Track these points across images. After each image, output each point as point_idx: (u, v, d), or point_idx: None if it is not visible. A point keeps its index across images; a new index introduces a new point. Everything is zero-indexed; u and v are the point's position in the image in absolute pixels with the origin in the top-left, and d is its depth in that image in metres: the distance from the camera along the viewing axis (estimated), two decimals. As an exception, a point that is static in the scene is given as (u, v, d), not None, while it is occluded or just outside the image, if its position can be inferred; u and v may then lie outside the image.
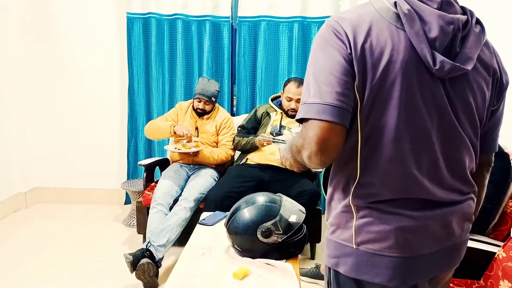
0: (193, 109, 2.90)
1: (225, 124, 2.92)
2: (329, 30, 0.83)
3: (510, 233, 1.68)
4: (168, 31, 3.27)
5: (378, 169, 0.84)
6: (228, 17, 3.27)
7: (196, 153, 2.75)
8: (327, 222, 0.96)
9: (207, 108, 2.87)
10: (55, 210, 3.43)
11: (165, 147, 2.83)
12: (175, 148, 2.72)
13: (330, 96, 0.79)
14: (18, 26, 3.31)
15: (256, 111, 2.92)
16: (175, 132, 2.72)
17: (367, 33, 0.80)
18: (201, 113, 2.88)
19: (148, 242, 2.32)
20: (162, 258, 2.33)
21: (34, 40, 3.37)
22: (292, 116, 2.75)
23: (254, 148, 2.76)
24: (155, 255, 2.27)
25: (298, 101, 2.71)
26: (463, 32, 0.82)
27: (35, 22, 3.35)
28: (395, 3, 0.82)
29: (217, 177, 2.82)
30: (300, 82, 2.73)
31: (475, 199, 0.95)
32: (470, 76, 0.85)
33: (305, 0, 3.19)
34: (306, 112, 0.81)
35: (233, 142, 2.89)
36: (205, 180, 2.69)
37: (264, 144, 2.66)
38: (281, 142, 1.28)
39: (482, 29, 0.87)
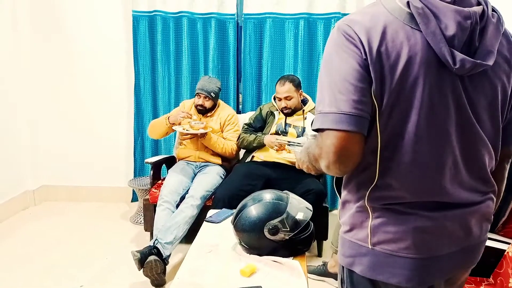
0: (195, 106, 2.90)
1: (229, 121, 2.92)
2: (341, 34, 0.80)
3: (520, 230, 1.67)
4: (173, 28, 3.27)
5: (397, 172, 0.82)
6: (234, 14, 3.26)
7: (203, 135, 2.74)
8: (341, 221, 0.94)
9: (207, 104, 2.85)
10: (63, 208, 3.46)
11: (173, 127, 2.76)
12: (184, 129, 2.71)
13: (346, 104, 0.76)
14: (25, 25, 3.32)
15: (261, 110, 2.92)
16: (173, 123, 2.73)
17: (381, 36, 0.77)
18: (202, 110, 2.87)
19: (155, 239, 2.32)
20: (170, 255, 2.33)
21: (41, 39, 3.38)
22: (288, 114, 2.75)
23: (259, 146, 2.75)
24: (162, 252, 2.28)
25: (286, 98, 2.71)
26: (480, 25, 0.79)
27: (42, 21, 3.36)
28: (407, 2, 0.78)
29: (223, 175, 2.81)
30: (285, 79, 2.75)
31: (494, 199, 0.93)
32: (490, 71, 0.82)
33: (311, -4, 3.17)
34: (323, 122, 0.78)
35: (238, 139, 2.87)
36: (211, 177, 2.69)
37: (275, 148, 2.64)
38: (296, 145, 1.27)
39: (499, 18, 0.83)
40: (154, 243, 2.31)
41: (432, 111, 0.79)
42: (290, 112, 2.76)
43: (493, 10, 0.83)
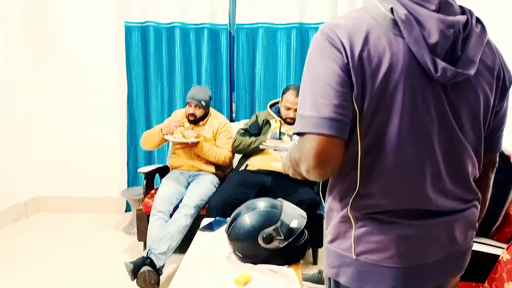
0: (186, 116, 2.90)
1: (222, 129, 2.92)
2: (324, 38, 0.79)
3: (513, 235, 1.67)
4: (166, 39, 3.28)
5: (379, 179, 0.81)
6: (226, 25, 3.28)
7: (195, 144, 2.73)
8: (326, 230, 0.94)
9: (198, 113, 2.84)
10: (56, 219, 3.42)
11: (165, 137, 2.75)
12: (174, 137, 2.71)
13: (327, 108, 0.76)
14: (18, 37, 3.32)
15: (257, 117, 2.92)
16: (167, 133, 2.72)
17: (364, 41, 0.77)
18: (193, 120, 2.86)
19: (149, 249, 2.30)
20: (163, 265, 2.31)
21: (34, 50, 3.38)
22: (291, 124, 2.75)
23: (256, 149, 2.73)
24: (156, 262, 2.25)
25: (296, 110, 2.68)
26: (463, 34, 0.79)
27: (34, 33, 3.36)
28: (391, 8, 0.78)
29: (218, 183, 2.80)
30: (297, 89, 2.72)
31: (479, 207, 0.92)
32: (473, 80, 0.82)
33: (303, 6, 3.20)
34: (303, 126, 0.78)
35: (233, 142, 2.85)
36: (205, 186, 2.68)
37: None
38: (283, 151, 1.27)
39: (483, 28, 0.84)
40: (147, 253, 2.29)
41: (413, 118, 0.79)
42: (290, 122, 2.75)
43: (477, 20, 0.84)
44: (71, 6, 3.34)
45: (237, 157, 2.95)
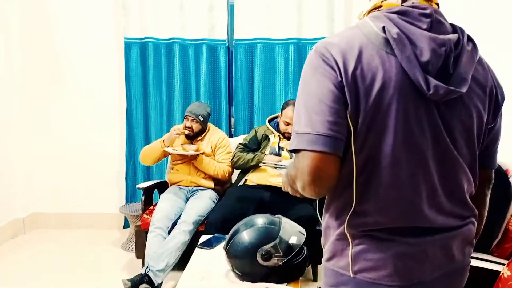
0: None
1: (220, 144, 2.92)
2: (318, 56, 0.81)
3: (514, 250, 1.66)
4: (165, 54, 3.31)
5: (375, 197, 0.81)
6: (225, 40, 3.31)
7: (195, 157, 2.73)
8: (324, 248, 0.93)
9: (195, 127, 2.83)
10: (54, 235, 3.39)
11: (165, 149, 2.75)
12: (174, 150, 2.71)
13: (321, 125, 0.77)
14: (17, 52, 3.34)
15: (256, 132, 2.92)
16: (169, 145, 2.73)
17: (357, 59, 0.78)
18: (190, 135, 2.84)
19: (147, 267, 2.28)
20: (161, 283, 2.28)
21: (33, 65, 3.40)
22: (289, 139, 2.74)
23: (256, 165, 2.72)
24: (154, 280, 2.23)
25: None
26: (455, 52, 0.80)
27: (35, 48, 3.39)
28: (383, 27, 0.79)
29: (216, 199, 2.79)
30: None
31: (476, 223, 0.92)
32: (465, 97, 0.83)
33: (300, 22, 3.24)
34: (298, 143, 0.79)
35: (232, 158, 2.85)
36: (203, 202, 2.67)
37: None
38: (283, 168, 1.27)
39: (475, 46, 0.85)
40: (145, 270, 2.26)
41: (407, 135, 0.79)
42: (289, 137, 2.75)
43: (469, 38, 0.85)
44: (71, 22, 3.38)
45: (236, 172, 2.94)
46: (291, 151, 0.82)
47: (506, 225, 1.79)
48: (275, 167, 1.42)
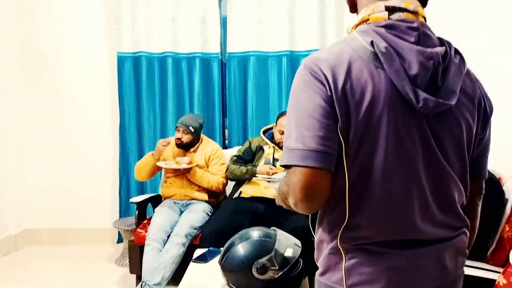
0: (175, 141, 2.88)
1: (214, 155, 2.91)
2: (307, 71, 0.81)
3: (509, 258, 1.66)
4: (158, 68, 3.31)
5: (368, 210, 0.81)
6: (218, 53, 3.33)
7: (188, 170, 2.72)
8: (317, 262, 0.93)
9: (185, 138, 2.82)
10: (47, 252, 3.34)
11: (157, 163, 2.75)
12: (166, 164, 2.69)
13: (312, 140, 0.77)
14: (14, 69, 3.33)
15: (250, 143, 2.92)
16: (158, 157, 2.73)
17: (346, 73, 0.78)
18: (180, 145, 2.83)
19: (143, 281, 2.25)
20: None
21: (29, 80, 3.40)
22: (279, 145, 2.76)
23: (250, 178, 2.72)
24: None
25: None
26: (443, 65, 0.81)
27: (29, 63, 3.39)
28: (371, 41, 0.80)
29: (210, 211, 2.78)
30: None
31: (468, 234, 0.92)
32: (454, 109, 0.83)
33: (293, 35, 3.26)
34: (289, 158, 0.78)
35: (226, 170, 2.84)
36: (196, 214, 2.66)
37: (270, 174, 2.62)
38: (276, 181, 1.27)
39: (462, 59, 0.86)
40: (141, 285, 2.24)
41: (398, 149, 0.79)
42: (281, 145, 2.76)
43: (456, 51, 0.86)
44: (64, 37, 3.38)
45: (231, 184, 2.93)
46: (282, 166, 0.82)
47: (500, 233, 1.80)
48: (269, 181, 1.41)
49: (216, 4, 3.27)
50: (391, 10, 0.84)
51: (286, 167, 0.80)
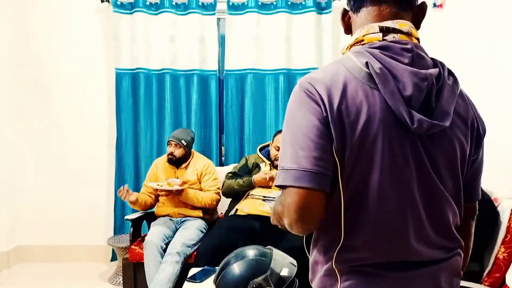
0: (170, 161, 2.88)
1: (206, 170, 2.91)
2: (302, 91, 0.81)
3: (505, 279, 1.66)
4: (156, 84, 3.33)
5: (363, 232, 0.81)
6: (215, 70, 3.35)
7: (180, 192, 2.71)
8: (311, 283, 0.92)
9: (177, 152, 2.82)
10: (39, 269, 3.29)
11: (149, 184, 2.78)
12: (158, 185, 2.70)
13: (307, 161, 0.77)
14: (7, 80, 3.34)
15: (246, 160, 2.92)
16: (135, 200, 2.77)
17: (342, 94, 0.79)
18: (172, 160, 2.84)
19: None
20: None
21: (23, 96, 3.40)
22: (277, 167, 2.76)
23: (247, 189, 2.70)
24: None
25: None
26: (437, 86, 0.81)
27: (24, 78, 3.39)
28: (366, 62, 0.80)
29: (205, 228, 2.76)
30: None
31: (462, 255, 0.92)
32: (448, 130, 0.84)
33: (290, 54, 3.30)
34: (284, 179, 0.78)
35: (222, 186, 2.82)
36: (190, 232, 2.64)
37: (267, 179, 2.61)
38: (271, 200, 1.26)
39: (455, 80, 0.87)
40: None
41: (393, 169, 0.80)
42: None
43: (449, 72, 0.87)
44: (63, 52, 3.40)
45: (226, 201, 2.92)
46: (277, 186, 0.82)
47: (496, 254, 1.80)
48: (264, 200, 1.41)
49: (214, 23, 3.32)
50: (385, 31, 0.85)
51: (281, 187, 0.80)
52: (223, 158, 3.49)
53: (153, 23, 3.30)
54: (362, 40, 0.87)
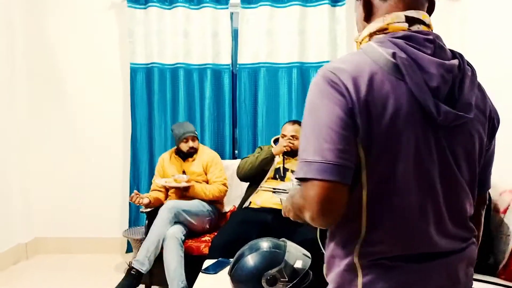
0: (180, 155, 2.94)
1: (212, 162, 2.94)
2: (325, 82, 0.78)
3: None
4: (170, 79, 3.36)
5: (386, 224, 0.80)
6: (229, 64, 3.36)
7: (187, 188, 2.75)
8: (327, 278, 0.90)
9: (195, 144, 2.91)
10: (56, 261, 3.36)
11: (156, 180, 2.84)
12: (165, 182, 2.74)
13: (331, 153, 0.74)
14: (22, 76, 3.40)
15: (261, 149, 2.92)
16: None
17: (368, 85, 0.77)
18: (191, 153, 2.91)
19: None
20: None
21: (38, 91, 3.46)
22: (288, 154, 2.77)
23: (267, 160, 2.72)
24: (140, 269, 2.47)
25: (293, 137, 2.74)
26: (458, 78, 0.81)
27: (39, 74, 3.45)
28: (393, 53, 0.79)
29: (209, 210, 2.83)
30: (295, 121, 2.84)
31: (476, 243, 0.92)
32: (469, 122, 0.83)
33: (303, 47, 3.29)
34: (307, 172, 0.76)
35: (238, 169, 2.83)
36: (193, 202, 2.75)
37: (286, 148, 2.67)
38: (282, 192, 1.26)
39: (473, 71, 0.86)
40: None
41: (417, 161, 0.79)
42: (290, 153, 2.76)
43: (467, 63, 0.86)
44: (77, 48, 3.45)
45: (239, 194, 2.93)
46: (298, 179, 0.80)
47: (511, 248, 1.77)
48: (274, 192, 1.40)
49: (227, 18, 3.32)
50: (410, 21, 0.83)
51: (302, 180, 0.78)
52: (236, 152, 3.50)
53: (167, 17, 3.31)
54: (386, 29, 0.85)
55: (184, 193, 2.81)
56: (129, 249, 3.45)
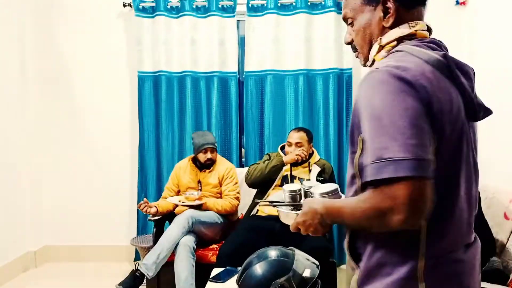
0: (196, 164, 2.93)
1: (227, 174, 2.92)
2: (397, 80, 0.76)
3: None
4: (177, 87, 3.38)
5: (449, 221, 0.83)
6: (235, 72, 3.37)
7: (199, 206, 2.75)
8: None
9: (214, 156, 2.90)
10: (65, 269, 3.37)
11: (168, 199, 2.84)
12: (179, 201, 2.74)
13: (420, 149, 0.72)
14: (34, 83, 3.44)
15: (269, 156, 2.92)
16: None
17: (432, 85, 0.78)
18: (209, 164, 2.89)
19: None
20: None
21: (47, 98, 3.49)
22: (293, 163, 2.76)
23: (276, 168, 2.71)
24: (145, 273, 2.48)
25: (297, 144, 2.74)
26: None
27: (49, 82, 3.49)
28: (444, 54, 0.83)
29: (221, 222, 2.81)
30: (300, 128, 2.88)
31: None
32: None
33: (309, 54, 3.29)
34: (397, 170, 0.71)
35: (246, 176, 2.83)
36: (207, 213, 2.74)
37: (297, 158, 2.69)
38: (279, 204, 1.23)
39: (473, 73, 0.93)
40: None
41: (466, 157, 0.84)
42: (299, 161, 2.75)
43: None
44: (86, 57, 3.48)
45: (247, 202, 2.93)
46: (379, 180, 0.74)
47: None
48: (273, 205, 1.36)
49: (234, 26, 3.34)
50: (429, 30, 0.92)
51: (385, 181, 0.73)
52: (243, 160, 3.50)
53: (174, 26, 3.34)
54: (413, 35, 0.89)
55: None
56: (137, 257, 3.45)
